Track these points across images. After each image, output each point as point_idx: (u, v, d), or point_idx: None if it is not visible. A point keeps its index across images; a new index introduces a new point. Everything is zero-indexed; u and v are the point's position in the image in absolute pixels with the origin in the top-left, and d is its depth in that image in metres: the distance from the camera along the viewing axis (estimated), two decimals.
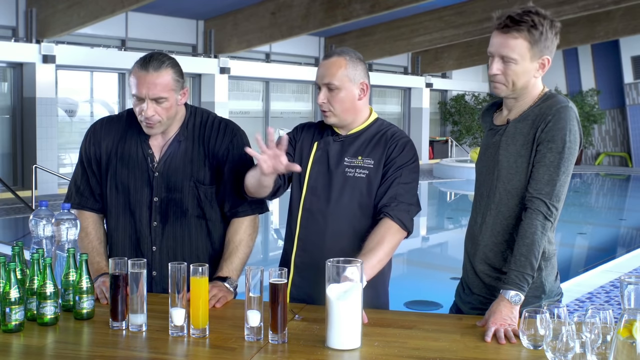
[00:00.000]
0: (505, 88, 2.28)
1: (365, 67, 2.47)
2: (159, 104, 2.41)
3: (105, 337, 2.01)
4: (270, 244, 8.95)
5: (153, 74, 2.38)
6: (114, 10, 11.39)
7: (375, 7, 12.97)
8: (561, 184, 2.19)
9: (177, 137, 2.54)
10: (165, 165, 2.52)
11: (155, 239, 2.53)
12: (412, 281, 6.83)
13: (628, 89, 21.99)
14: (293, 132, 2.60)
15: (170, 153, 2.53)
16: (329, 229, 2.43)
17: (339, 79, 2.39)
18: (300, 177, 2.50)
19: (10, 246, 2.25)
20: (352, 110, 2.44)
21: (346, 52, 2.44)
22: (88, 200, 2.60)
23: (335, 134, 2.50)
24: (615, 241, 10.01)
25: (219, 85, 15.58)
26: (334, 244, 2.39)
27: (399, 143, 2.44)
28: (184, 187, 2.52)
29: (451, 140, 22.65)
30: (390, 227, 2.33)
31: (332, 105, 2.41)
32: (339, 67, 2.39)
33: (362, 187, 2.42)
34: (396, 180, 2.39)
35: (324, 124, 2.54)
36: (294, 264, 2.48)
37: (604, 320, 1.72)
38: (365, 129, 2.49)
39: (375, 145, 2.45)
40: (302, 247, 2.47)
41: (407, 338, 2.01)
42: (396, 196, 2.37)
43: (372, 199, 2.42)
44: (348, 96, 2.41)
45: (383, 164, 2.42)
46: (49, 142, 12.65)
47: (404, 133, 2.51)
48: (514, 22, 2.20)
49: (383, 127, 2.50)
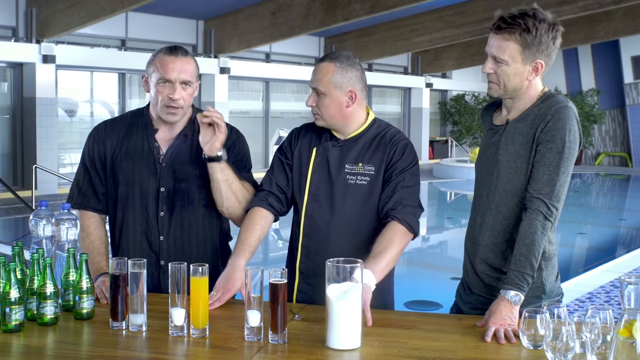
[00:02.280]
0: (497, 88, 2.29)
1: (359, 73, 2.44)
2: (184, 89, 2.49)
3: (105, 337, 2.01)
4: (270, 244, 8.94)
5: (183, 59, 2.49)
6: (114, 10, 11.38)
7: (375, 7, 12.97)
8: (561, 183, 2.19)
9: (183, 131, 2.59)
10: (172, 156, 2.56)
11: (162, 228, 2.56)
12: (412, 281, 6.82)
13: (628, 89, 21.99)
14: (289, 138, 2.61)
15: (178, 145, 2.58)
16: (332, 237, 2.45)
17: (325, 85, 2.40)
18: (301, 183, 2.51)
19: (10, 246, 2.25)
20: (340, 116, 2.44)
21: (339, 57, 2.42)
22: (90, 200, 2.61)
23: (334, 138, 2.50)
24: (615, 241, 10.01)
25: (219, 85, 15.58)
26: (337, 251, 2.37)
27: (398, 146, 2.44)
28: (191, 176, 2.56)
29: (451, 140, 22.65)
30: (398, 230, 2.34)
31: (320, 109, 2.44)
32: (326, 73, 2.40)
33: (364, 194, 2.43)
34: (399, 184, 2.40)
35: (321, 127, 2.53)
36: (299, 271, 2.52)
37: (604, 320, 1.72)
38: (363, 132, 2.49)
39: (375, 150, 2.45)
40: (306, 254, 2.49)
41: (407, 338, 2.02)
42: (401, 200, 2.38)
43: (373, 205, 2.43)
44: (333, 102, 2.41)
45: (384, 169, 2.43)
46: (49, 142, 12.65)
47: (402, 135, 2.51)
48: (507, 24, 2.20)
49: (381, 128, 2.50)
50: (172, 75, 2.46)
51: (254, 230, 2.45)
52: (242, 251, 2.40)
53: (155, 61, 2.50)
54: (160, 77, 2.47)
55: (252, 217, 2.48)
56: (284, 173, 2.54)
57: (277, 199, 2.52)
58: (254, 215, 2.48)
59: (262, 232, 2.47)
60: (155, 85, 2.50)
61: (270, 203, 2.50)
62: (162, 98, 2.49)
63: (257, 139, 17.20)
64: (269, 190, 2.52)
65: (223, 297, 2.30)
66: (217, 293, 2.30)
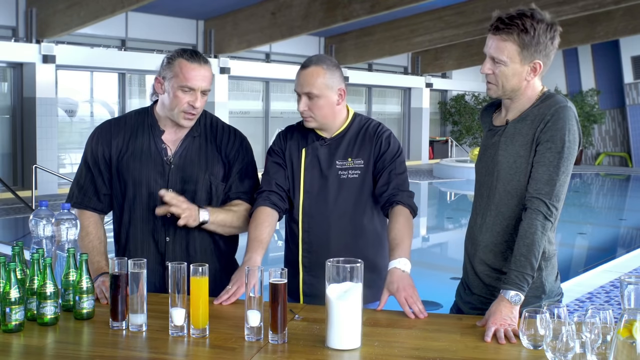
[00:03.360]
0: (496, 88, 2.29)
1: (341, 72, 2.59)
2: (203, 97, 2.52)
3: (105, 337, 2.01)
4: (270, 244, 8.93)
5: (205, 67, 2.51)
6: (114, 10, 11.39)
7: (375, 7, 12.97)
8: (561, 183, 2.19)
9: (191, 133, 2.61)
10: (181, 158, 2.57)
11: (169, 229, 2.56)
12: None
13: (628, 89, 22.00)
14: (277, 142, 2.70)
15: (186, 146, 2.59)
16: (332, 230, 2.58)
17: (318, 88, 2.51)
18: (295, 183, 2.62)
19: (10, 246, 2.25)
20: (332, 115, 2.58)
21: (322, 60, 2.55)
22: (91, 199, 2.61)
23: (320, 138, 2.62)
24: (615, 241, 10.01)
25: (219, 85, 15.58)
26: (338, 242, 2.57)
27: (383, 138, 2.61)
28: (199, 179, 2.57)
29: (451, 140, 22.65)
30: (405, 213, 2.52)
31: (313, 112, 2.54)
32: (318, 76, 2.51)
33: (357, 186, 2.59)
34: (392, 172, 2.57)
35: (304, 128, 2.63)
36: (302, 265, 2.61)
37: (604, 320, 1.72)
38: (347, 129, 2.63)
39: (361, 144, 2.60)
40: (308, 249, 2.60)
41: (407, 338, 2.02)
42: (398, 186, 2.55)
43: (365, 196, 2.60)
44: (327, 102, 2.54)
45: (374, 161, 2.59)
46: (49, 142, 12.65)
47: (383, 126, 2.67)
48: (504, 25, 2.20)
49: (362, 122, 2.65)
50: (196, 84, 2.47)
51: (263, 227, 2.51)
52: (256, 247, 2.46)
53: (175, 66, 2.48)
54: (182, 84, 2.47)
55: (259, 216, 2.53)
56: (280, 172, 2.63)
57: (279, 197, 2.59)
58: (260, 214, 2.54)
59: (271, 228, 2.54)
60: (175, 90, 2.48)
61: (274, 202, 2.58)
62: (182, 105, 2.49)
63: (257, 139, 17.20)
64: (270, 189, 2.59)
65: (238, 291, 2.34)
66: (232, 287, 2.35)
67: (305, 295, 2.60)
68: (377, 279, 2.50)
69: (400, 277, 2.30)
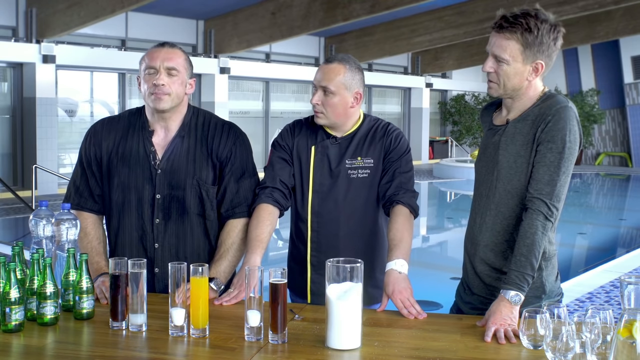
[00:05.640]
0: (497, 87, 2.29)
1: (363, 77, 2.58)
2: (170, 77, 2.49)
3: (105, 337, 2.01)
4: (270, 243, 8.94)
5: (168, 50, 2.54)
6: (114, 10, 11.39)
7: (375, 7, 12.97)
8: (561, 184, 2.19)
9: (179, 133, 2.56)
10: (168, 163, 2.53)
11: (157, 236, 2.54)
12: (412, 281, 6.81)
13: (628, 89, 22.00)
14: (285, 136, 2.65)
15: (173, 150, 2.55)
16: (342, 230, 2.57)
17: (336, 85, 2.49)
18: (303, 181, 2.59)
19: (10, 246, 2.25)
20: (344, 115, 2.56)
21: (347, 60, 2.54)
22: (87, 201, 2.60)
23: (331, 136, 2.60)
24: (615, 241, 10.01)
25: (219, 85, 15.58)
26: (347, 242, 2.57)
27: (392, 136, 2.60)
28: (187, 185, 2.53)
29: (451, 140, 22.65)
30: (405, 213, 2.50)
31: (325, 107, 2.52)
32: (338, 73, 2.50)
33: (366, 186, 2.57)
34: (397, 170, 2.56)
35: (313, 125, 2.60)
36: (310, 264, 2.61)
37: (604, 320, 1.72)
38: (358, 129, 2.61)
39: (370, 143, 2.58)
40: (317, 248, 2.60)
41: (407, 338, 2.02)
42: (401, 185, 2.54)
43: (374, 195, 2.58)
44: (341, 102, 2.52)
45: (383, 159, 2.57)
46: (49, 142, 12.65)
47: (393, 125, 2.66)
48: (509, 23, 2.20)
49: (372, 122, 2.64)
50: (157, 63, 2.48)
51: (264, 227, 2.49)
52: (256, 248, 2.44)
53: (144, 57, 2.54)
54: (145, 66, 2.51)
55: (260, 214, 2.52)
56: (284, 168, 2.60)
57: (282, 194, 2.57)
58: (261, 211, 2.52)
59: (271, 227, 2.52)
60: (143, 76, 2.52)
61: (276, 199, 2.56)
62: (149, 86, 2.50)
63: (257, 139, 17.19)
64: (273, 186, 2.57)
65: (240, 295, 2.33)
66: (234, 290, 2.34)
67: (313, 294, 2.60)
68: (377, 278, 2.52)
69: (396, 279, 2.30)
